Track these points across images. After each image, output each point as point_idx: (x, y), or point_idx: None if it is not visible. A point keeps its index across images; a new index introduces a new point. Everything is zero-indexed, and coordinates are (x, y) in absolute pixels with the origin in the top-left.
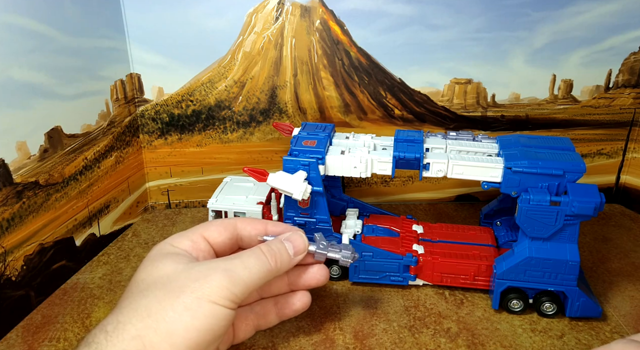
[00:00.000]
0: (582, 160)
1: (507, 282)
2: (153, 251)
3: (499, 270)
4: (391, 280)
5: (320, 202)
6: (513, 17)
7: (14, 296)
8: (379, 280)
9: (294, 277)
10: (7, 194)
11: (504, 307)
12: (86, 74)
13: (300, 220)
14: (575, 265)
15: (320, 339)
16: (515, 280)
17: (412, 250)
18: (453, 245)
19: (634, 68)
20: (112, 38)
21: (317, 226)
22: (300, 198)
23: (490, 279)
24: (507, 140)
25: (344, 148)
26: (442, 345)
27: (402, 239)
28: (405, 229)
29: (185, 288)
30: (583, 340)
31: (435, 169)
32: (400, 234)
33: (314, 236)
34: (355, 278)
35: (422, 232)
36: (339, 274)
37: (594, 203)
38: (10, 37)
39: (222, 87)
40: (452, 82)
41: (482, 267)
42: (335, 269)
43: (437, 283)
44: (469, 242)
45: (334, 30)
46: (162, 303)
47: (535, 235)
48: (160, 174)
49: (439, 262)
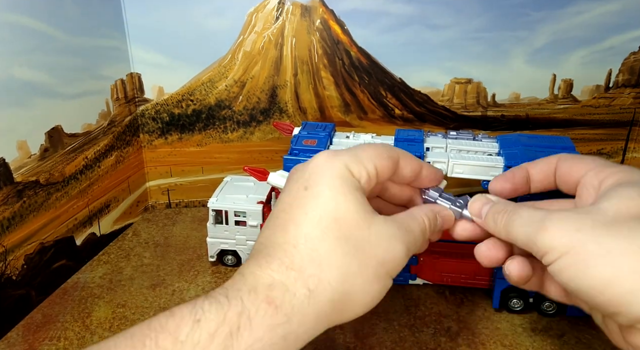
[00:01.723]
0: None
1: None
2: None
3: (499, 269)
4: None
5: None
6: (513, 16)
7: (15, 295)
8: None
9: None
10: (7, 193)
11: (505, 306)
12: (87, 74)
13: None
14: None
15: (321, 338)
16: None
17: None
18: (453, 244)
19: (634, 68)
20: (112, 37)
21: None
22: None
23: (490, 278)
24: (508, 140)
25: (344, 147)
26: (442, 345)
27: None
28: None
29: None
30: (583, 339)
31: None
32: None
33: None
34: None
35: None
36: None
37: None
38: (11, 36)
39: (223, 87)
40: (453, 81)
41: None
42: None
43: (437, 282)
44: (471, 241)
45: (334, 29)
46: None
47: None
48: (160, 174)
49: (439, 261)
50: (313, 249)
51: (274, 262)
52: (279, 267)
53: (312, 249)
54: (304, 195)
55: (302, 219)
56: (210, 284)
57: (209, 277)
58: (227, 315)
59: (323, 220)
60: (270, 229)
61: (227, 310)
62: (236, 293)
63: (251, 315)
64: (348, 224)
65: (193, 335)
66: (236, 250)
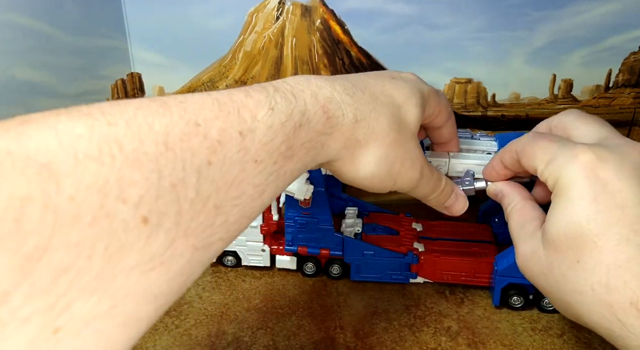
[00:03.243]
0: None
1: (508, 278)
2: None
3: (500, 267)
4: (392, 278)
5: (322, 201)
6: (513, 16)
7: None
8: (380, 279)
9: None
10: None
11: (505, 304)
12: (87, 73)
13: (302, 219)
14: None
15: (321, 337)
16: (517, 277)
17: (413, 248)
18: (453, 243)
19: (634, 68)
20: (112, 37)
21: (318, 226)
22: (302, 198)
23: (491, 276)
24: (507, 138)
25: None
26: (442, 344)
27: (402, 237)
28: (405, 227)
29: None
30: (583, 338)
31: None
32: (400, 232)
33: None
34: (357, 277)
35: (422, 230)
36: (340, 273)
37: None
38: (12, 36)
39: (223, 87)
40: (453, 81)
41: (482, 264)
42: (335, 267)
43: (437, 280)
44: (468, 239)
45: (335, 29)
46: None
47: None
48: None
49: (439, 260)
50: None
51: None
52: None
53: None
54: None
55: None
56: (211, 284)
57: (209, 277)
58: (293, 111)
59: (392, 98)
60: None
61: (294, 108)
62: (300, 93)
63: (310, 116)
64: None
65: (267, 119)
66: (236, 250)
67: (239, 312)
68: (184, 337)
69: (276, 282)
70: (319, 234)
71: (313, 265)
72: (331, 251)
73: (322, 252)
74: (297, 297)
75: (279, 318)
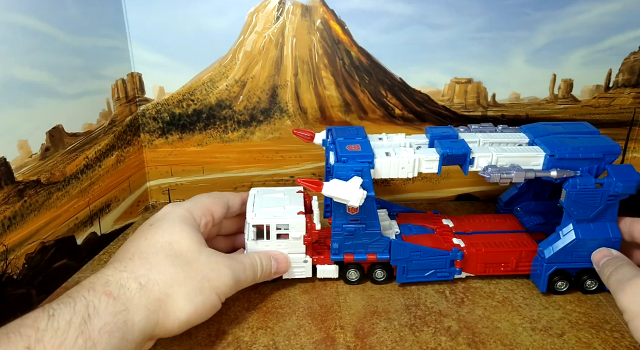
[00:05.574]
0: (614, 142)
1: (555, 264)
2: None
3: (547, 254)
4: (438, 276)
5: (371, 207)
6: (513, 16)
7: (16, 294)
8: (426, 278)
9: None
10: (8, 192)
11: (551, 290)
12: (87, 73)
13: (350, 227)
14: (617, 242)
15: (321, 337)
16: (563, 262)
17: (455, 244)
18: (488, 235)
19: (634, 68)
20: (113, 37)
21: (366, 231)
22: (357, 205)
23: (533, 263)
24: (534, 129)
25: (387, 150)
26: (442, 344)
27: (440, 235)
28: (438, 224)
29: (204, 274)
30: (583, 338)
31: (480, 163)
32: (436, 230)
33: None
34: (403, 279)
35: (453, 226)
36: (384, 277)
37: (635, 181)
38: (12, 36)
39: (223, 87)
40: (453, 81)
41: (524, 252)
42: (378, 272)
43: (480, 274)
44: (501, 230)
45: (335, 29)
46: (186, 280)
47: (580, 217)
48: (161, 173)
49: (483, 252)
50: (146, 260)
51: (109, 270)
52: (113, 272)
53: (144, 259)
54: (148, 228)
55: (142, 242)
56: None
57: None
58: (75, 308)
59: (158, 243)
60: (116, 254)
61: (75, 305)
62: (77, 293)
63: (96, 305)
64: (180, 247)
65: (52, 324)
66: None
67: (239, 312)
68: (184, 337)
69: (276, 282)
70: (367, 239)
71: (356, 271)
72: (378, 255)
73: (369, 257)
74: (297, 297)
75: (279, 318)
